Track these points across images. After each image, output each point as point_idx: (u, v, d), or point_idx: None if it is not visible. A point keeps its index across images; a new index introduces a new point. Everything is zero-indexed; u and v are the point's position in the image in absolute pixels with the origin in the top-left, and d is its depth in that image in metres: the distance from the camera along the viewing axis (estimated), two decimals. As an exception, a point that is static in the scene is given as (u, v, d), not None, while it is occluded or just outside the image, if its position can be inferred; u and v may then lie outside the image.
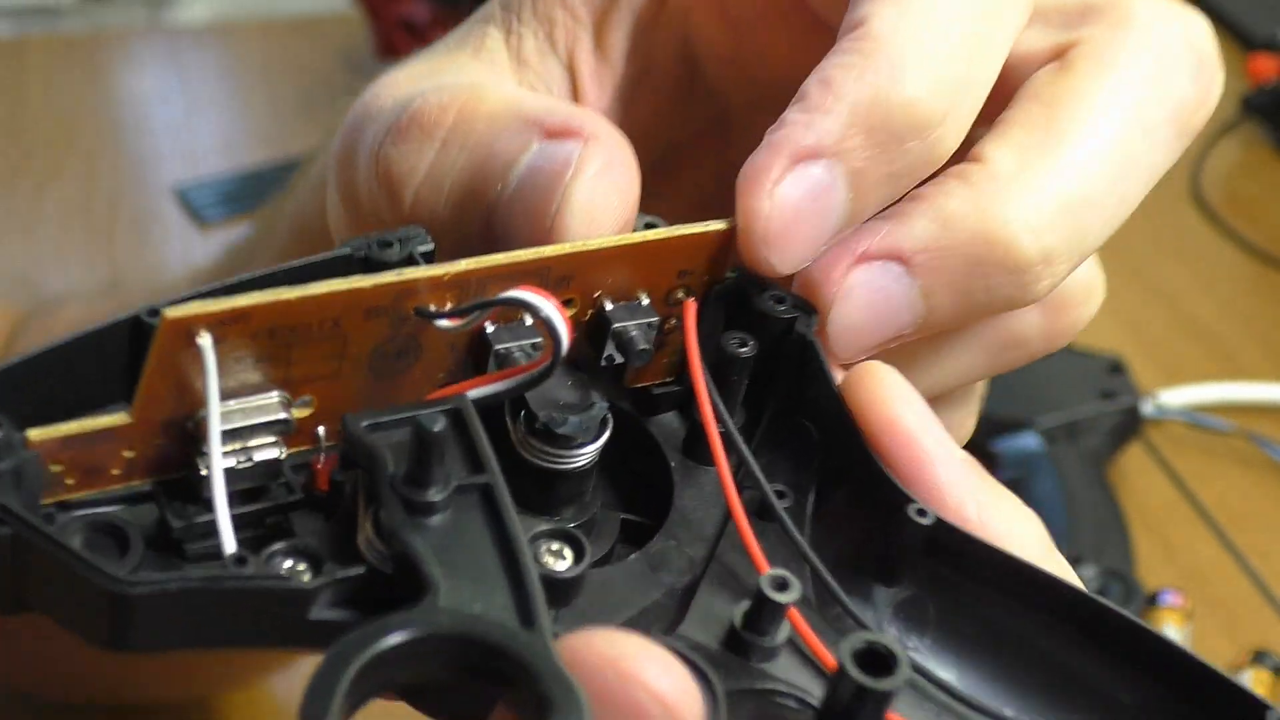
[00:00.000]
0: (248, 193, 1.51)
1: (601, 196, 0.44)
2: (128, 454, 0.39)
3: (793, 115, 0.43)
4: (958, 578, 0.41)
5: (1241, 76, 1.66)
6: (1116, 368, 1.25)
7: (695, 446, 0.44)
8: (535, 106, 0.47)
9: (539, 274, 0.41)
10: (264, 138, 1.64)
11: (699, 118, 0.55)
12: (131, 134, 1.66)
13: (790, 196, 0.43)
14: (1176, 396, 1.28)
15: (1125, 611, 0.41)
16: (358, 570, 0.37)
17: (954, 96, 0.44)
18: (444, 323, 0.40)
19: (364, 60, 1.69)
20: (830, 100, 0.43)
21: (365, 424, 0.39)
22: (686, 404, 0.45)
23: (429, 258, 0.44)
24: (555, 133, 0.45)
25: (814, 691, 0.39)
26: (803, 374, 0.44)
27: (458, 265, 0.40)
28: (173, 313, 0.37)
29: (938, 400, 0.48)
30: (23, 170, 1.56)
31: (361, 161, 0.49)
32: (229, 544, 0.37)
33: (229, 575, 0.36)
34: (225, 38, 1.85)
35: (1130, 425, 1.23)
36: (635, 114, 0.52)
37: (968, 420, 0.54)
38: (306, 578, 0.38)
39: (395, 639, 0.34)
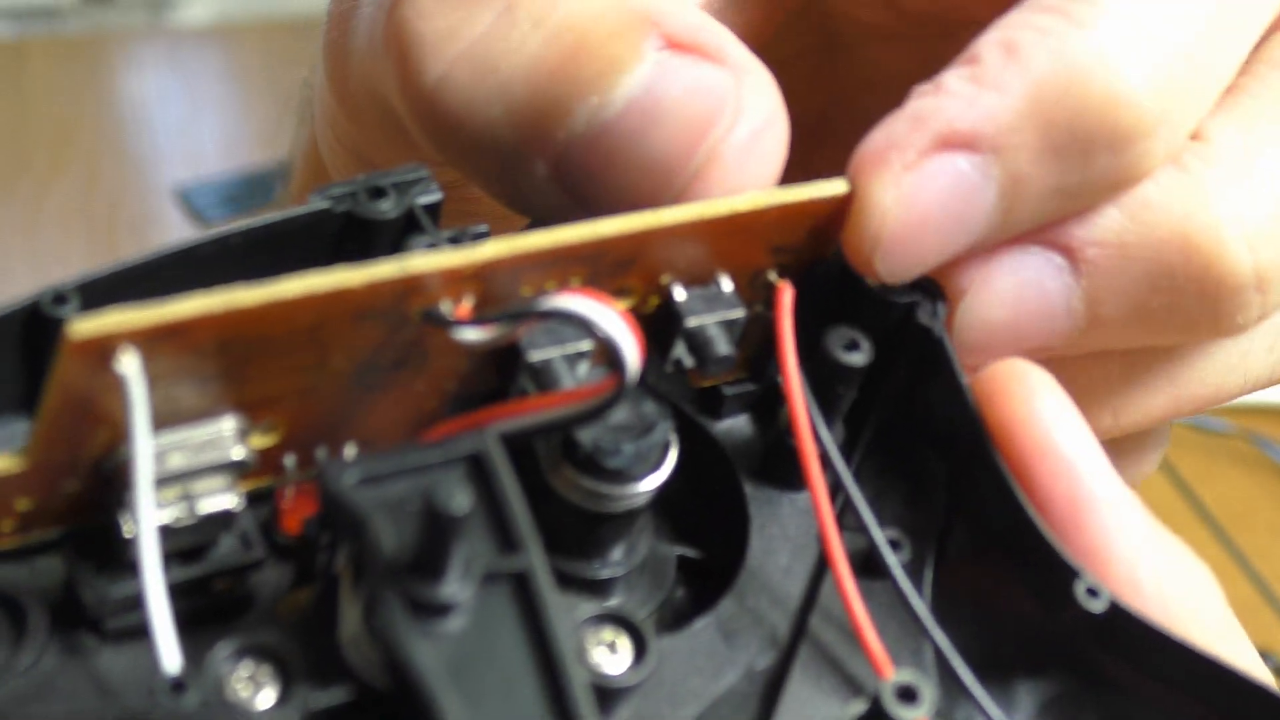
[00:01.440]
0: (249, 193, 1.47)
1: (759, 162, 0.32)
2: (23, 505, 0.28)
3: (954, 82, 0.32)
4: (1129, 674, 0.31)
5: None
6: (1117, 368, 1.24)
7: (776, 468, 0.34)
8: None
9: (592, 260, 0.30)
10: (265, 138, 1.58)
11: (802, 33, 0.42)
12: (132, 135, 1.63)
13: (924, 192, 0.31)
14: (1177, 397, 1.27)
15: None
16: (339, 698, 0.27)
17: (1177, 98, 0.32)
18: (466, 334, 0.29)
19: (363, 60, 1.68)
20: (1011, 73, 0.31)
21: (351, 479, 0.28)
22: (762, 407, 0.35)
23: (433, 212, 0.33)
24: (682, 46, 0.32)
25: None
26: (923, 379, 0.34)
27: (483, 251, 0.29)
28: (82, 328, 0.26)
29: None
30: (24, 171, 1.52)
31: (364, 21, 0.36)
32: (170, 660, 0.26)
33: (162, 715, 0.26)
34: (226, 39, 1.80)
35: (1130, 426, 1.22)
36: (727, 16, 0.39)
37: (1145, 468, 0.42)
38: (270, 698, 0.27)
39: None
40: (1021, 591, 0.32)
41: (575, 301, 0.28)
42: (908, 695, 0.29)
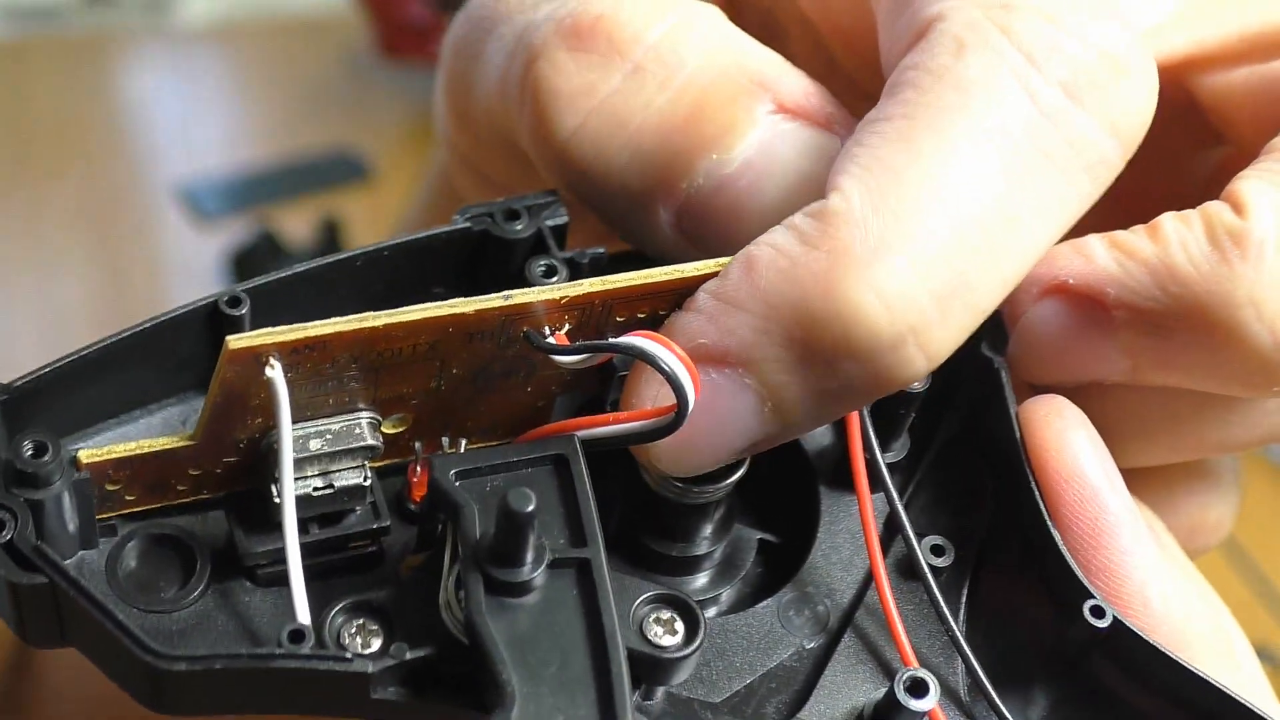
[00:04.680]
0: (249, 190, 1.50)
1: None
2: (194, 472, 0.34)
3: (703, 297, 0.34)
4: (1128, 686, 0.35)
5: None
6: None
7: (846, 475, 0.38)
8: (763, 63, 0.37)
9: (677, 296, 0.35)
10: (265, 138, 1.61)
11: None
12: (132, 135, 1.64)
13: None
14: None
15: None
16: (425, 652, 0.33)
17: (921, 317, 0.32)
18: (558, 357, 0.34)
19: (364, 61, 1.66)
20: (746, 291, 0.33)
21: (454, 471, 0.34)
22: (844, 422, 0.39)
23: (560, 234, 0.38)
24: (792, 111, 0.36)
25: None
26: (982, 405, 0.38)
27: (579, 286, 0.34)
28: (237, 342, 0.32)
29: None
30: (24, 171, 1.53)
31: (492, 65, 0.40)
32: (301, 614, 0.33)
33: (283, 654, 0.32)
34: (226, 39, 1.81)
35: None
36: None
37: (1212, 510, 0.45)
38: (376, 644, 0.33)
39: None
40: (1043, 603, 0.36)
41: (644, 342, 0.33)
42: (918, 688, 0.33)
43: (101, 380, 0.34)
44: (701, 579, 0.39)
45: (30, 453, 0.32)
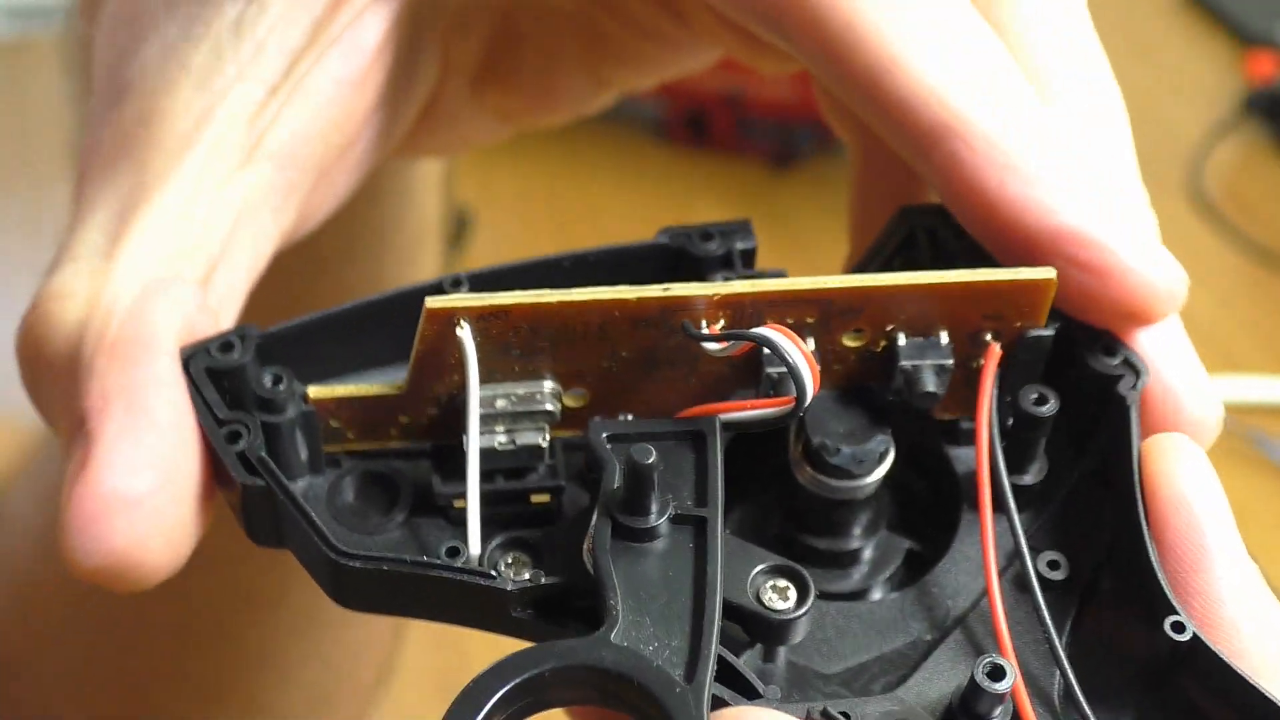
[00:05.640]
0: None
1: None
2: (403, 419, 0.41)
3: None
4: (1213, 707, 0.37)
5: (1238, 73, 1.58)
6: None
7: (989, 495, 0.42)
8: None
9: (821, 305, 0.39)
10: None
11: None
12: None
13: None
14: (1174, 396, 1.21)
15: None
16: (554, 580, 0.38)
17: None
18: (708, 345, 0.39)
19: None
20: None
21: (605, 434, 0.39)
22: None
23: (748, 258, 0.43)
24: None
25: None
26: (1117, 438, 0.41)
27: (730, 286, 0.39)
28: (434, 303, 0.38)
29: None
30: (23, 170, 1.55)
31: None
32: (474, 544, 0.39)
33: (438, 565, 0.38)
34: None
35: (1129, 426, 1.17)
36: None
37: None
38: (526, 574, 0.39)
39: (551, 665, 0.35)
40: (1138, 623, 0.38)
41: (773, 333, 0.38)
42: (997, 672, 0.37)
43: (339, 339, 0.42)
44: (855, 576, 0.43)
45: (270, 382, 0.40)
